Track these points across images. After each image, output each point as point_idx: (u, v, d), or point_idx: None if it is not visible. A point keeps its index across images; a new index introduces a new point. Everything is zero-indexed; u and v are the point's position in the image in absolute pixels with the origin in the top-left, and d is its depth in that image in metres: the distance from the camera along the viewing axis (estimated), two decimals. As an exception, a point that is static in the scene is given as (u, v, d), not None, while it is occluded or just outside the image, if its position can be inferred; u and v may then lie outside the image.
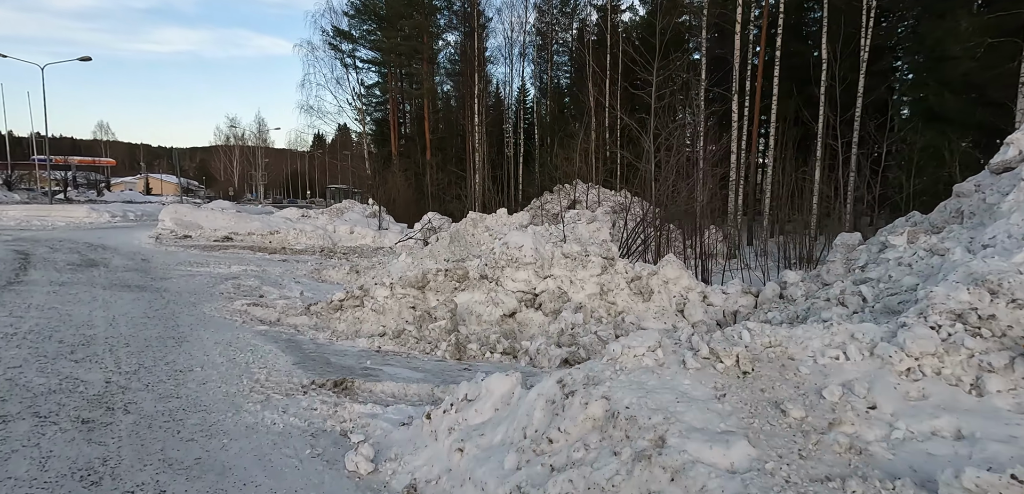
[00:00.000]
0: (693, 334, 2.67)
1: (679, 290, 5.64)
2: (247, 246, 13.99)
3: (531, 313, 5.85)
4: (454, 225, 9.70)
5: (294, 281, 9.43)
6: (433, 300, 6.29)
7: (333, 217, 19.53)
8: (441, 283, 6.34)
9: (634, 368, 2.46)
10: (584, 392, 2.34)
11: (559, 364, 4.83)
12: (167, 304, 6.93)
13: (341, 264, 11.60)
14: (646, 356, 2.50)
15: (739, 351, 2.38)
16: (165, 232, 15.29)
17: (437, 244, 9.04)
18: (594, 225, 7.88)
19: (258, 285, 8.72)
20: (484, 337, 5.36)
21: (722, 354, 2.40)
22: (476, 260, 6.54)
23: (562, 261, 5.98)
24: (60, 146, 79.06)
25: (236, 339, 5.43)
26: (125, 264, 10.09)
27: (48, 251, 11.37)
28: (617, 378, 2.40)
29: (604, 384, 2.36)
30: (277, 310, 6.81)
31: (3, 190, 39.78)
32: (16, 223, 17.79)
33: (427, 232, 11.46)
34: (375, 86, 37.43)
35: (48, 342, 4.96)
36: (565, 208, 17.73)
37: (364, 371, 4.62)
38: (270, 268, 10.72)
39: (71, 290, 7.43)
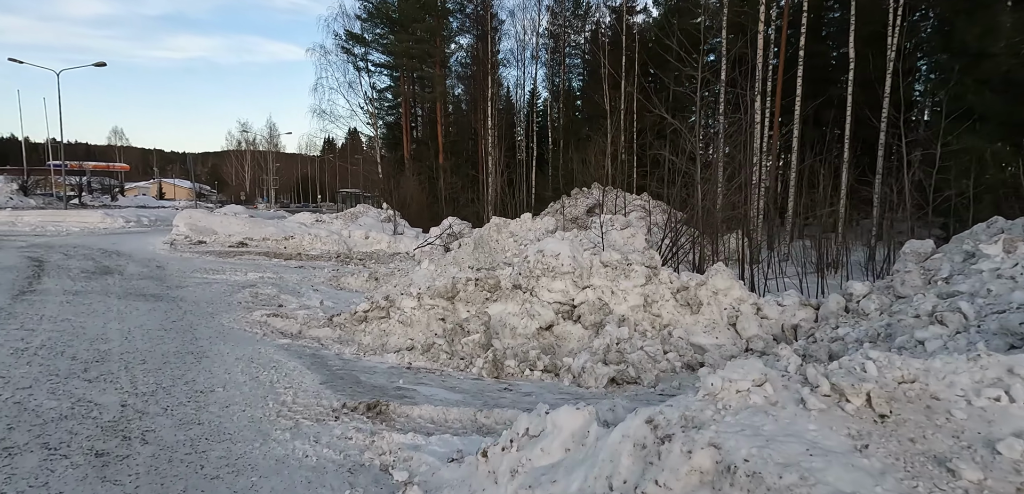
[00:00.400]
0: (803, 364, 2.29)
1: (730, 301, 5.24)
2: (262, 252, 13.74)
3: (569, 326, 5.48)
4: (477, 230, 9.35)
5: (313, 289, 9.13)
6: (464, 312, 5.93)
7: (347, 222, 19.28)
8: (472, 293, 5.99)
9: (740, 407, 2.08)
10: (684, 437, 1.96)
11: (606, 383, 4.45)
12: (184, 315, 6.63)
13: (359, 271, 11.29)
14: (753, 392, 2.11)
15: (870, 388, 1.99)
16: (179, 237, 15.08)
17: (460, 250, 8.69)
18: (628, 231, 7.50)
19: (276, 293, 8.42)
20: (522, 353, 4.99)
21: (848, 391, 2.01)
22: (508, 268, 6.19)
23: (602, 270, 5.60)
24: (75, 151, 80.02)
25: (258, 354, 5.11)
26: (140, 271, 9.84)
27: (62, 257, 11.17)
28: (722, 420, 2.02)
29: (708, 427, 1.98)
30: (298, 321, 6.49)
31: (19, 195, 40.09)
32: (31, 228, 17.71)
33: (447, 238, 11.12)
34: (387, 90, 37.31)
35: (60, 359, 4.66)
36: (584, 212, 17.35)
37: (398, 392, 4.26)
38: (287, 275, 10.43)
39: (85, 300, 7.16)
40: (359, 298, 8.80)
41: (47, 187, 43.25)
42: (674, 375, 4.68)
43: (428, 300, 6.02)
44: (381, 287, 9.05)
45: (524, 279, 5.82)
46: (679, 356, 4.88)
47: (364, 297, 8.63)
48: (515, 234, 9.33)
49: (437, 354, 5.34)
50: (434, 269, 8.45)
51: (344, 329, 6.17)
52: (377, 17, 33.42)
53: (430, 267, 8.48)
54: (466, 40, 36.05)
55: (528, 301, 5.71)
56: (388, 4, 32.84)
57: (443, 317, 5.97)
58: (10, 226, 17.86)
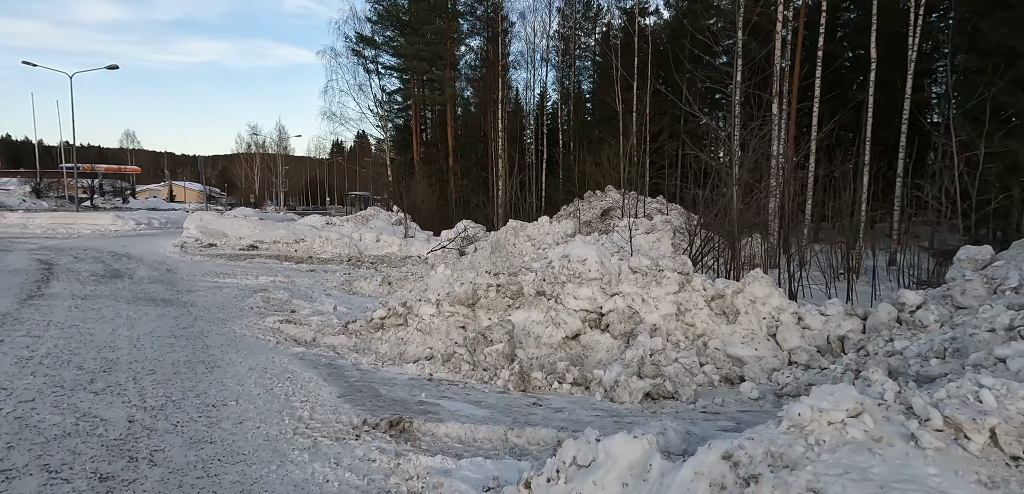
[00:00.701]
0: (901, 390, 2.00)
1: (769, 310, 4.94)
2: (273, 255, 13.57)
3: (597, 335, 5.19)
4: (494, 234, 9.09)
5: (325, 294, 8.90)
6: (485, 319, 5.66)
7: (358, 225, 19.09)
8: (493, 300, 5.72)
9: (836, 443, 1.79)
10: (774, 479, 1.68)
11: (642, 398, 4.16)
12: (194, 321, 6.42)
13: (371, 275, 11.06)
14: (849, 424, 1.83)
15: (994, 423, 1.70)
16: (190, 240, 14.94)
17: (477, 254, 8.43)
18: (653, 236, 7.21)
19: (288, 298, 8.20)
20: (550, 364, 4.71)
21: (967, 426, 1.72)
22: (531, 274, 5.92)
23: (631, 277, 5.31)
24: (88, 154, 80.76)
25: (271, 364, 4.87)
26: (150, 275, 9.67)
27: (72, 260, 11.03)
28: (818, 459, 1.73)
29: (802, 468, 1.70)
30: (312, 328, 6.25)
31: (32, 198, 40.38)
32: (42, 231, 17.67)
33: (462, 241, 10.86)
34: (396, 93, 37.20)
35: (66, 368, 4.44)
36: (598, 215, 17.05)
37: (421, 407, 4.00)
38: (298, 279, 10.22)
39: (94, 305, 6.96)
40: (373, 303, 8.57)
41: (60, 189, 43.53)
42: (713, 389, 4.39)
43: (447, 307, 5.76)
44: (395, 292, 8.81)
45: (549, 285, 5.54)
46: (716, 368, 4.58)
47: (378, 302, 8.40)
48: (533, 238, 9.05)
49: (458, 364, 5.08)
50: (450, 274, 8.19)
51: (360, 337, 5.93)
52: (387, 19, 33.32)
53: (446, 272, 8.22)
54: (476, 42, 35.91)
55: (553, 309, 5.43)
56: (398, 6, 32.74)
57: (463, 325, 5.70)
58: (22, 228, 17.84)
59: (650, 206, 16.09)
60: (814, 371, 4.26)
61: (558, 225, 9.26)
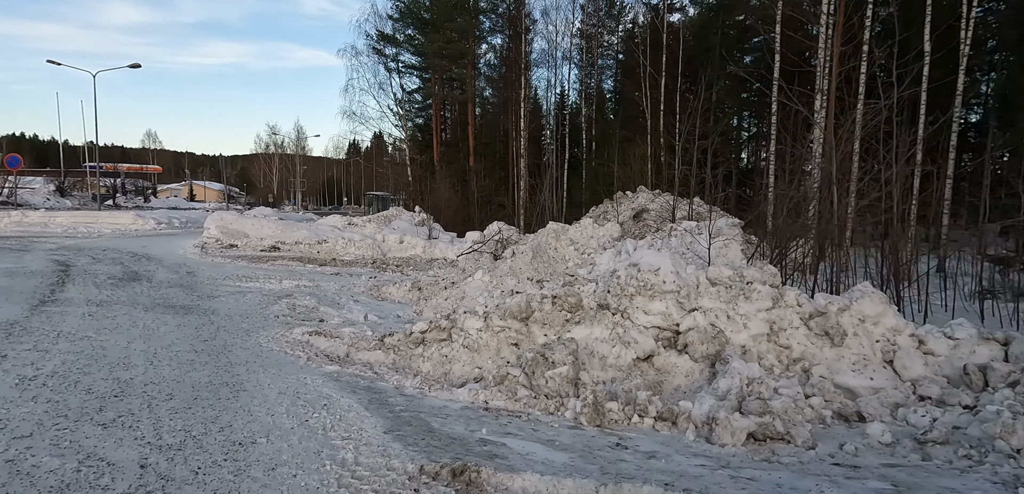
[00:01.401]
0: None
1: (883, 332, 4.21)
2: (295, 257, 13.07)
3: (673, 357, 4.50)
4: (533, 237, 8.43)
5: (353, 300, 8.32)
6: (540, 335, 5.00)
7: (381, 226, 18.57)
8: (549, 314, 5.06)
9: None
10: None
11: (746, 440, 3.47)
12: (217, 332, 5.85)
13: (399, 279, 10.49)
14: None
15: None
16: (210, 241, 14.54)
17: (518, 259, 7.78)
18: (719, 241, 6.49)
19: (315, 305, 7.64)
20: (625, 392, 4.03)
21: None
22: (590, 284, 5.24)
23: (711, 290, 4.62)
24: (111, 154, 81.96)
25: (304, 387, 4.26)
26: (169, 278, 9.19)
27: (90, 261, 10.62)
28: None
29: None
30: (345, 342, 5.65)
31: (56, 196, 40.75)
32: (63, 230, 17.44)
33: (496, 244, 10.22)
34: (416, 91, 36.77)
35: (72, 392, 3.88)
36: (630, 217, 16.30)
37: (484, 447, 3.35)
38: (324, 283, 9.67)
39: (109, 312, 6.45)
40: (404, 310, 7.98)
41: (83, 188, 43.91)
42: (826, 428, 3.68)
43: (497, 321, 5.11)
44: (428, 299, 8.20)
45: (614, 298, 4.86)
46: (825, 402, 3.87)
47: (412, 310, 7.80)
48: (575, 242, 8.38)
49: (513, 388, 4.43)
50: (489, 280, 7.56)
51: (399, 353, 5.30)
52: (408, 17, 32.88)
53: (485, 278, 7.59)
54: (498, 40, 35.33)
55: (620, 325, 4.76)
56: (420, 3, 32.26)
57: (516, 342, 5.05)
58: (42, 227, 17.64)
59: (686, 207, 15.28)
60: (956, 410, 3.53)
61: (602, 228, 8.57)
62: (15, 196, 33.57)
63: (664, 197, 16.36)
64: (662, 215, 15.56)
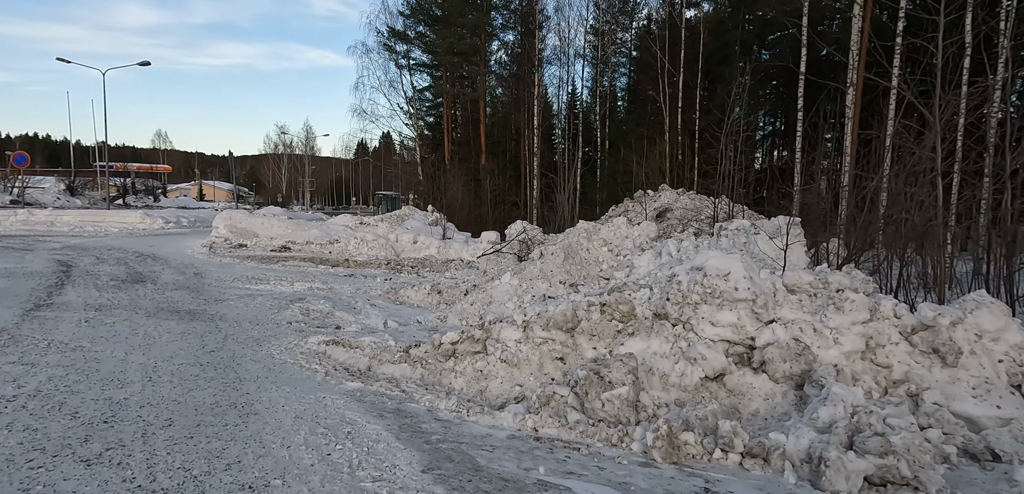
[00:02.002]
0: None
1: (1006, 350, 3.57)
2: (307, 257, 12.54)
3: (749, 376, 3.88)
4: (564, 237, 7.83)
5: (370, 304, 7.76)
6: (588, 348, 4.40)
7: (393, 225, 18.03)
8: (597, 324, 4.45)
9: None
10: None
11: (863, 486, 2.84)
12: (224, 341, 5.30)
13: (418, 282, 9.92)
14: None
15: None
16: (219, 240, 14.05)
17: (548, 261, 7.18)
18: (778, 241, 5.85)
19: (329, 310, 7.08)
20: (700, 420, 3.41)
21: None
22: (644, 290, 4.63)
23: (792, 299, 3.99)
24: (122, 154, 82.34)
25: (323, 410, 3.68)
26: (175, 280, 8.67)
27: (93, 262, 10.14)
28: None
29: None
30: (365, 353, 5.07)
31: (66, 195, 40.63)
32: (69, 229, 17.05)
33: (520, 245, 9.61)
34: (427, 89, 36.25)
35: (55, 416, 3.32)
36: (653, 217, 15.65)
37: (544, 491, 2.75)
38: (338, 285, 9.12)
39: (107, 318, 5.92)
40: (425, 315, 7.40)
41: (94, 188, 43.81)
42: (957, 471, 3.04)
43: (539, 331, 4.51)
44: (452, 304, 7.62)
45: (674, 307, 4.25)
46: (944, 435, 3.24)
47: (434, 315, 7.22)
48: (609, 242, 7.76)
49: (562, 410, 3.83)
50: (518, 284, 6.96)
51: (427, 367, 4.72)
52: (420, 13, 32.36)
53: (513, 281, 7.00)
54: (509, 37, 34.74)
55: (682, 338, 4.14)
56: (431, 0, 31.74)
57: (561, 356, 4.45)
58: (48, 226, 17.25)
59: (720, 208, 14.59)
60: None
61: (636, 228, 7.95)
62: (23, 195, 33.42)
63: (687, 196, 15.68)
64: (686, 215, 14.90)
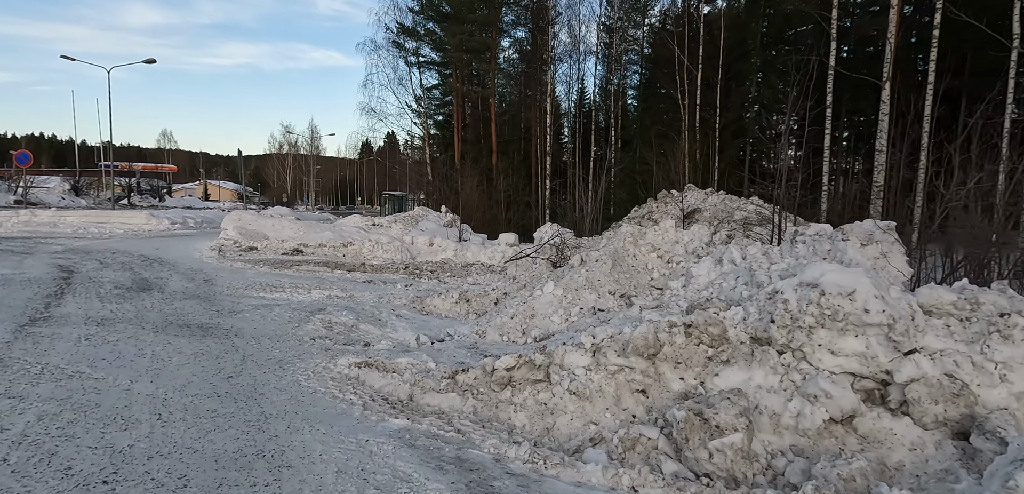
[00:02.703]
0: None
1: None
2: (321, 261, 11.88)
3: (887, 420, 3.20)
4: (609, 242, 7.15)
5: (396, 316, 7.11)
6: (674, 379, 3.73)
7: (408, 227, 17.38)
8: (683, 349, 3.78)
9: None
10: None
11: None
12: (243, 364, 4.65)
13: (440, 288, 9.27)
14: None
15: None
16: (228, 243, 13.43)
17: (594, 269, 6.50)
18: (872, 249, 5.16)
19: (354, 322, 6.43)
20: (851, 485, 2.73)
21: None
22: (736, 308, 3.94)
23: (934, 324, 3.31)
24: (127, 153, 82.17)
25: (370, 460, 3.02)
26: (184, 288, 8.03)
27: (97, 266, 9.52)
28: None
29: None
30: (404, 379, 4.40)
31: (70, 195, 40.20)
32: (73, 230, 16.46)
33: (553, 249, 8.94)
34: (435, 87, 35.59)
35: (44, 472, 2.67)
36: (680, 219, 14.95)
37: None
38: (358, 293, 8.47)
39: (111, 335, 5.27)
40: (456, 327, 6.74)
41: (99, 188, 43.39)
42: None
43: (613, 358, 3.84)
44: (490, 317, 6.95)
45: (781, 331, 3.57)
46: None
47: (468, 328, 6.54)
48: (658, 247, 7.08)
49: (653, 458, 3.17)
50: (562, 294, 6.29)
51: (480, 398, 4.05)
52: (429, 9, 31.72)
53: (557, 292, 6.32)
54: (520, 33, 34.07)
55: (793, 369, 3.47)
56: (441, -3, 31.09)
57: (642, 387, 3.77)
58: (51, 227, 16.67)
59: (745, 208, 13.90)
60: None
61: (687, 232, 7.27)
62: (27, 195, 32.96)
63: (717, 196, 14.96)
64: (718, 216, 14.19)
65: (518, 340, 5.96)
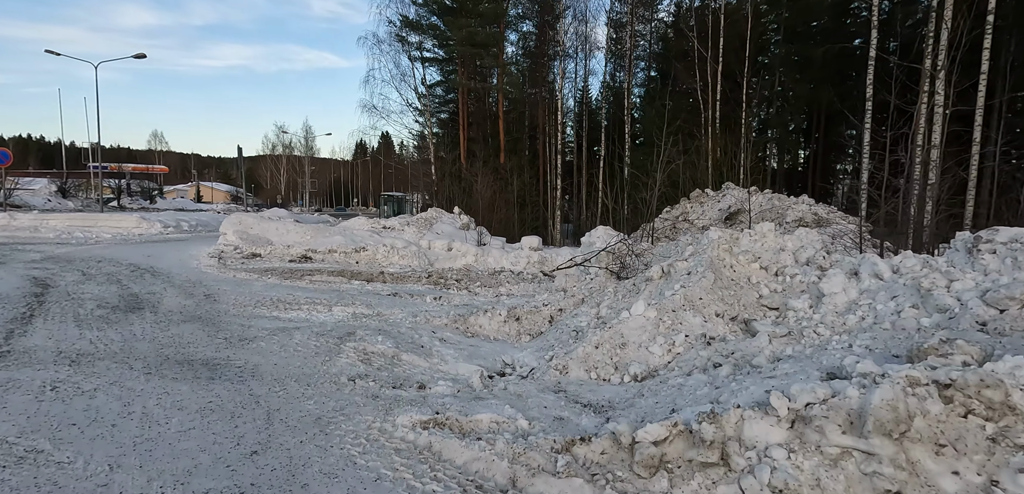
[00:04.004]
0: None
1: None
2: (334, 270, 10.57)
3: None
4: (703, 252, 5.89)
5: (438, 340, 5.84)
6: (943, 473, 2.48)
7: (422, 229, 16.08)
8: (943, 422, 2.53)
9: None
10: None
11: None
12: (268, 425, 3.36)
13: (474, 300, 8.02)
14: None
15: None
16: (228, 249, 12.09)
17: (693, 283, 5.25)
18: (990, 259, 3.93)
19: (393, 352, 5.16)
20: None
21: None
22: (1014, 359, 2.69)
23: None
24: (117, 155, 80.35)
25: None
26: (182, 306, 6.71)
27: (78, 278, 8.18)
28: None
29: None
30: (495, 450, 3.12)
31: (57, 197, 38.54)
32: (55, 235, 15.03)
33: (611, 258, 7.66)
34: (438, 85, 34.25)
35: None
36: (721, 221, 13.75)
37: None
38: (386, 309, 7.18)
39: (88, 379, 3.96)
40: (513, 353, 5.49)
41: (88, 190, 41.74)
42: None
43: (834, 436, 2.59)
44: (545, 338, 5.67)
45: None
46: None
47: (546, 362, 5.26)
48: (759, 257, 5.83)
49: None
50: (657, 316, 5.04)
51: (617, 488, 2.78)
52: (433, 2, 30.39)
53: (649, 313, 5.06)
54: (527, 27, 32.83)
55: None
56: (445, -11, 29.81)
57: (893, 487, 2.51)
58: (32, 232, 15.23)
59: (797, 208, 12.70)
60: None
61: (790, 237, 6.04)
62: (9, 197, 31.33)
63: (763, 195, 13.77)
64: (764, 217, 13.00)
65: (611, 377, 4.69)
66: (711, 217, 14.06)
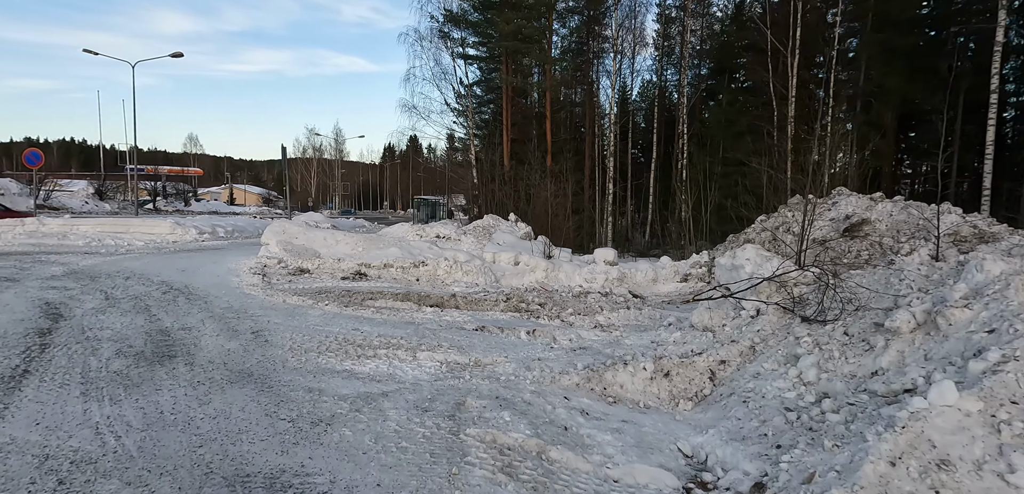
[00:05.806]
0: None
1: None
2: (398, 293, 8.88)
3: None
4: (992, 279, 3.94)
5: (580, 413, 4.10)
6: None
7: (480, 238, 14.38)
8: None
9: None
10: None
11: None
12: None
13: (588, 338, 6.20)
14: None
15: None
16: (272, 262, 10.55)
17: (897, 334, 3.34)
18: None
19: (536, 444, 3.47)
20: None
21: None
22: None
23: None
24: (153, 158, 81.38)
25: None
26: (225, 351, 5.05)
27: (100, 302, 6.65)
28: None
29: None
30: None
31: (94, 200, 38.27)
32: (84, 242, 13.79)
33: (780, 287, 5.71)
34: (478, 83, 32.64)
35: None
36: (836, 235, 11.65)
37: None
38: (483, 354, 5.42)
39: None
40: (692, 438, 3.76)
41: (125, 191, 41.51)
42: None
43: None
44: (732, 411, 3.80)
45: None
46: None
47: (714, 435, 3.41)
48: None
49: None
50: (985, 411, 3.14)
51: None
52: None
53: (968, 405, 3.19)
54: (575, 22, 30.96)
55: None
56: (489, -18, 28.17)
57: None
58: (59, 239, 14.01)
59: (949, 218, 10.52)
60: None
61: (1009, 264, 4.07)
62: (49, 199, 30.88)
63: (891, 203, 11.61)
64: (898, 231, 10.87)
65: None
66: (824, 229, 11.97)
